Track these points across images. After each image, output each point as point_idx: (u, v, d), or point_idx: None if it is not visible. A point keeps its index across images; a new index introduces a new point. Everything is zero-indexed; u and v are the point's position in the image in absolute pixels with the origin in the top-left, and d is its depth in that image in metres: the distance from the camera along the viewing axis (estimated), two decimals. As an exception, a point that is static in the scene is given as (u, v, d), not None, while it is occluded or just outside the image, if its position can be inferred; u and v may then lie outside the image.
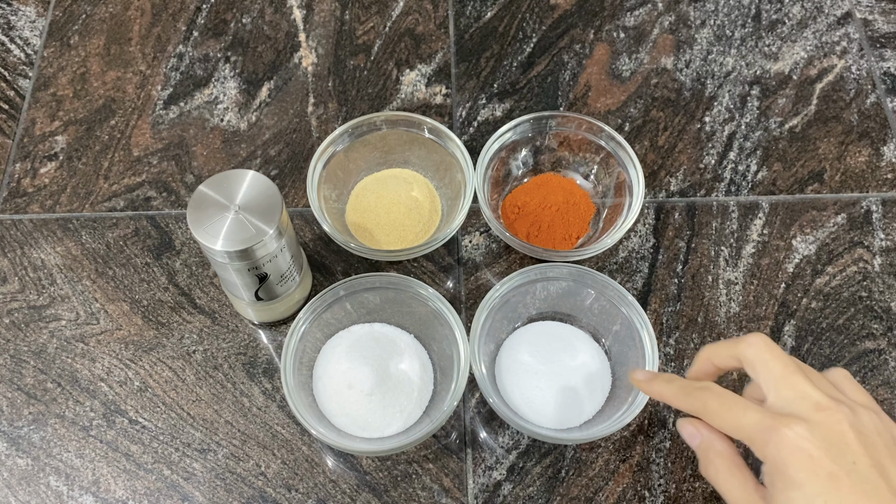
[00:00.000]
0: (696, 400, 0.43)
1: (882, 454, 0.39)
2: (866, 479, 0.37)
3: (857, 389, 0.43)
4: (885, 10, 0.81)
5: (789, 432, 0.38)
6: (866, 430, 0.39)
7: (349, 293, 0.62)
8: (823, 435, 0.38)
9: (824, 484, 0.37)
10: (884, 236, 0.70)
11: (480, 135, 0.75)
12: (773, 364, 0.42)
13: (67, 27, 0.81)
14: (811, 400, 0.39)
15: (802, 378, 0.41)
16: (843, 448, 0.38)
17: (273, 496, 0.60)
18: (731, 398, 0.42)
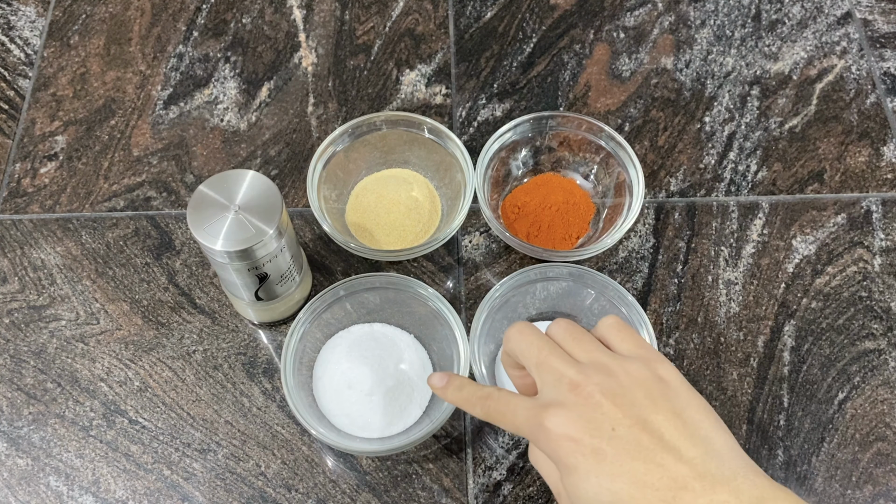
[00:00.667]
0: (482, 408, 0.44)
1: (642, 407, 0.39)
2: (628, 440, 0.38)
3: (625, 338, 0.43)
4: (885, 10, 0.81)
5: (550, 424, 0.39)
6: (623, 390, 0.39)
7: (349, 293, 0.62)
8: (580, 414, 0.39)
9: (592, 461, 0.38)
10: (884, 236, 0.70)
11: (480, 135, 0.75)
12: (529, 352, 0.43)
13: (67, 27, 0.81)
14: (565, 380, 0.40)
15: (556, 358, 0.41)
16: (601, 419, 0.38)
17: (273, 496, 0.60)
18: (506, 401, 0.43)
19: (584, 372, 0.40)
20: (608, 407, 0.39)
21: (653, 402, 0.39)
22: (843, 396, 0.63)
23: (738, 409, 0.63)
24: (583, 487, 0.38)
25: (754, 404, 0.63)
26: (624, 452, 0.38)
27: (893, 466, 0.61)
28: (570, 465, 0.39)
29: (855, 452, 0.61)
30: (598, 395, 0.39)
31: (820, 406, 0.63)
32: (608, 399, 0.39)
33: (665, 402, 0.39)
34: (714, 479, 0.37)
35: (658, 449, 0.38)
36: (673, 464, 0.37)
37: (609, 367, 0.41)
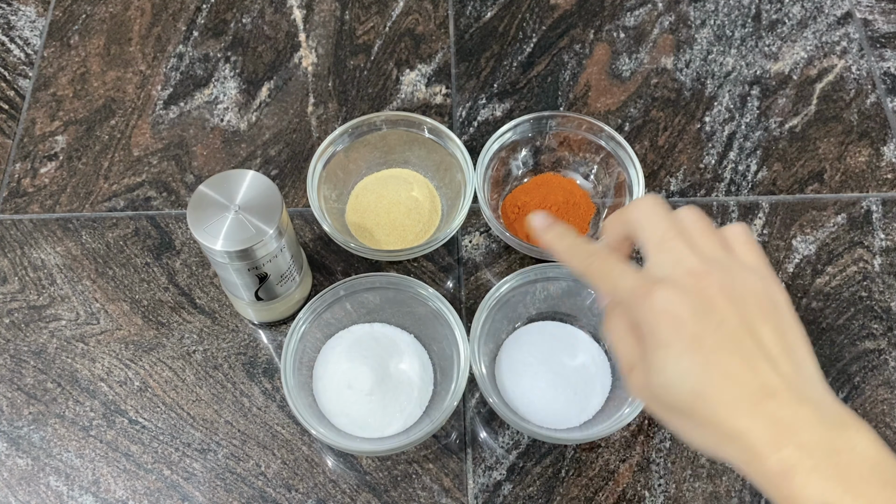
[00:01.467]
0: (582, 262, 0.44)
1: (752, 314, 0.39)
2: (732, 336, 0.38)
3: (749, 250, 0.43)
4: (885, 10, 0.81)
5: (658, 296, 0.39)
6: (739, 293, 0.39)
7: (349, 293, 0.62)
8: (692, 299, 0.39)
9: (689, 344, 0.38)
10: (884, 236, 0.70)
11: (480, 135, 0.75)
12: (655, 227, 0.42)
13: (67, 27, 0.81)
14: (685, 265, 0.40)
15: (681, 243, 0.41)
16: (710, 310, 0.39)
17: (273, 496, 0.60)
18: (612, 264, 0.42)
19: (706, 264, 0.40)
20: (721, 302, 0.39)
21: (762, 314, 0.39)
22: (843, 396, 0.63)
23: (738, 409, 0.62)
24: (671, 367, 0.39)
25: (754, 404, 0.63)
26: (724, 346, 0.38)
27: (893, 466, 0.61)
28: (664, 342, 0.39)
29: (855, 452, 0.61)
30: (714, 289, 0.39)
31: (820, 406, 0.63)
32: (723, 295, 0.39)
33: (772, 318, 0.40)
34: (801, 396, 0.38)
35: (757, 354, 0.38)
36: (767, 371, 0.38)
37: (730, 269, 0.41)
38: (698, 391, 0.38)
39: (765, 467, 0.37)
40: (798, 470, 0.36)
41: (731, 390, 0.38)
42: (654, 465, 0.61)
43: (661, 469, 0.61)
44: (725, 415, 0.38)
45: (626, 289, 0.41)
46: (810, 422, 0.37)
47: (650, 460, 0.61)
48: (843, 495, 0.35)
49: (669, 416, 0.41)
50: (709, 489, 0.60)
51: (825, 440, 0.36)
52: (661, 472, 0.61)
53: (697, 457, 0.61)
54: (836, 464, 0.36)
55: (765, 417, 0.37)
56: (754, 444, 0.37)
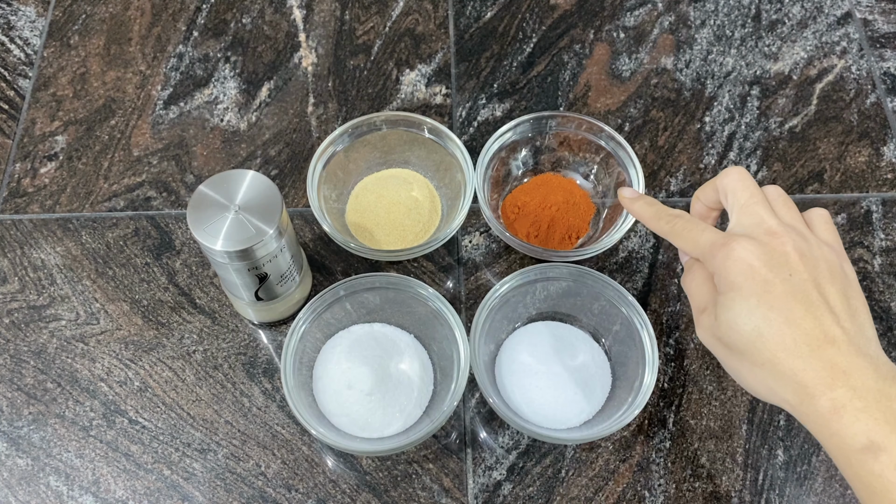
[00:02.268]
0: (667, 223, 0.48)
1: (822, 275, 0.42)
2: (799, 288, 0.41)
3: (829, 230, 0.46)
4: (885, 10, 0.81)
5: (736, 246, 0.42)
6: (811, 255, 0.43)
7: (349, 293, 0.62)
8: (767, 251, 0.42)
9: (759, 287, 0.41)
10: (884, 236, 0.70)
11: (480, 135, 0.75)
12: (741, 193, 0.46)
13: (67, 27, 0.81)
14: (765, 226, 0.43)
15: (764, 207, 0.45)
16: (782, 263, 0.42)
17: (273, 496, 0.60)
18: (696, 223, 0.46)
19: (784, 227, 0.43)
20: (794, 258, 0.42)
21: (831, 277, 0.42)
22: (843, 396, 0.63)
23: (738, 409, 0.63)
24: (738, 307, 0.42)
25: (754, 404, 0.63)
26: (791, 294, 0.41)
27: (893, 466, 0.61)
28: (735, 284, 0.42)
29: (855, 452, 0.61)
30: (789, 247, 0.42)
31: (820, 406, 0.63)
32: (796, 254, 0.42)
33: (840, 282, 0.43)
34: (859, 350, 0.40)
35: (822, 307, 0.41)
36: (829, 323, 0.40)
37: (806, 236, 0.44)
38: (760, 330, 0.41)
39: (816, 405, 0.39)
40: (848, 409, 0.38)
41: (792, 333, 0.40)
42: (654, 465, 0.61)
43: (661, 469, 0.61)
44: (784, 356, 0.40)
45: (706, 242, 0.44)
46: (865, 371, 0.39)
47: (650, 460, 0.61)
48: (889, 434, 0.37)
49: (730, 356, 0.43)
50: (709, 489, 0.60)
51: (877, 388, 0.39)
52: (661, 472, 0.61)
53: (697, 456, 0.61)
54: (885, 408, 0.38)
55: (822, 361, 0.39)
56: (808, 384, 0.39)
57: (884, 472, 0.37)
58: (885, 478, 0.37)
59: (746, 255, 0.42)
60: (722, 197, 0.47)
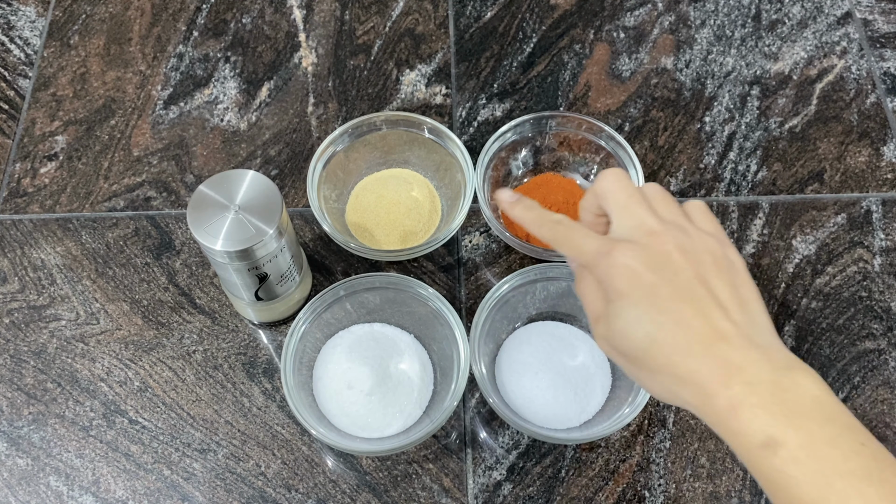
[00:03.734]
0: (549, 230, 0.46)
1: (707, 269, 0.41)
2: (685, 287, 0.41)
3: (708, 220, 0.45)
4: (885, 10, 0.81)
5: (617, 253, 0.42)
6: (695, 250, 0.42)
7: (349, 293, 0.62)
8: (649, 254, 0.41)
9: (645, 292, 0.41)
10: (884, 236, 0.70)
11: (480, 135, 0.75)
12: (619, 195, 0.45)
13: (67, 27, 0.81)
14: (645, 227, 0.43)
15: (643, 208, 0.44)
16: (666, 264, 0.41)
17: (273, 496, 0.60)
18: (578, 229, 0.45)
19: (664, 225, 0.43)
20: (677, 257, 0.41)
21: (717, 270, 0.42)
22: (843, 396, 0.63)
23: (738, 409, 0.62)
24: (627, 314, 0.41)
25: (754, 404, 0.63)
26: (678, 295, 0.40)
27: (893, 466, 0.61)
28: (622, 291, 0.41)
29: (855, 452, 0.61)
30: (670, 245, 0.42)
31: (820, 406, 0.63)
32: (679, 251, 0.41)
33: (727, 274, 0.42)
34: (751, 342, 0.40)
35: (710, 303, 0.40)
36: (719, 318, 0.40)
37: (687, 230, 0.43)
38: (653, 336, 0.40)
39: (715, 405, 0.39)
40: (745, 406, 0.38)
41: (684, 335, 0.40)
42: (654, 465, 0.61)
43: (661, 469, 0.61)
44: (678, 358, 0.40)
45: (590, 250, 0.43)
46: (758, 363, 0.39)
47: (650, 460, 0.61)
48: (785, 428, 0.37)
49: (627, 364, 0.43)
50: (709, 489, 0.60)
51: (771, 380, 0.38)
52: (661, 472, 0.61)
53: (697, 457, 0.61)
54: (780, 401, 0.38)
55: (715, 359, 0.39)
56: (705, 384, 0.39)
57: (784, 466, 0.37)
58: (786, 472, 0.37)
59: (629, 261, 0.41)
60: (602, 201, 0.46)
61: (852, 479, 0.36)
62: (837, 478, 0.36)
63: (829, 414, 0.38)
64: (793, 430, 0.37)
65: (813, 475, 0.37)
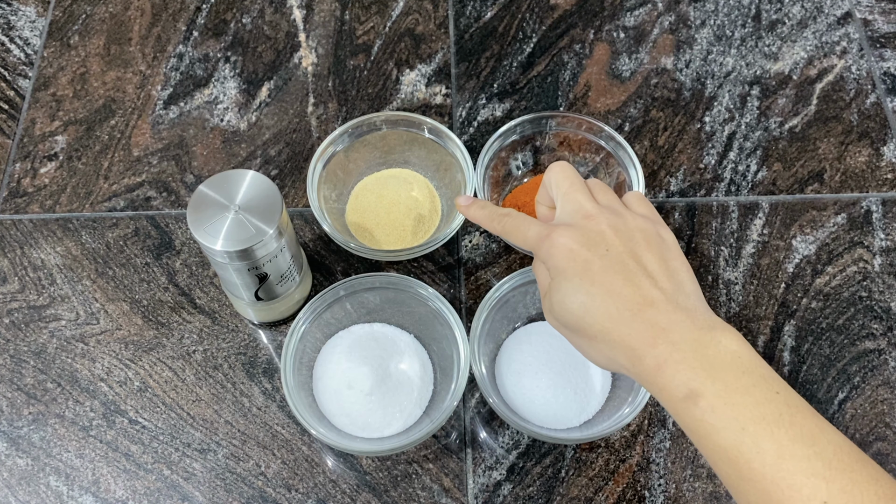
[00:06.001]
0: (498, 223, 0.52)
1: (637, 244, 0.45)
2: (617, 260, 0.45)
3: (644, 205, 0.49)
4: (885, 10, 0.81)
5: (556, 235, 0.46)
6: (627, 229, 0.46)
7: (349, 293, 0.62)
8: (584, 234, 0.46)
9: (580, 267, 0.45)
10: (884, 236, 0.70)
11: (480, 135, 0.75)
12: (562, 183, 0.49)
13: (67, 27, 0.81)
14: (583, 210, 0.47)
15: (582, 194, 0.48)
16: (599, 241, 0.45)
17: (273, 496, 0.60)
18: (524, 219, 0.50)
19: (599, 209, 0.47)
20: (609, 235, 0.45)
21: (647, 244, 0.46)
22: (843, 396, 0.63)
23: (738, 409, 0.62)
24: (564, 287, 0.45)
25: (754, 404, 0.63)
26: (609, 268, 0.44)
27: (893, 466, 0.61)
28: (560, 268, 0.46)
29: (855, 452, 0.61)
30: (604, 226, 0.46)
31: (820, 406, 0.63)
32: (611, 230, 0.46)
33: (657, 248, 0.46)
34: (677, 305, 0.43)
35: (639, 273, 0.44)
36: (648, 287, 0.44)
37: (621, 213, 0.47)
38: (586, 306, 0.44)
39: (644, 364, 0.42)
40: (669, 363, 0.41)
41: (614, 303, 0.43)
42: (654, 465, 0.61)
43: (661, 469, 0.61)
44: (610, 325, 0.43)
45: (533, 236, 0.48)
46: (682, 324, 0.42)
47: (650, 460, 0.61)
48: (705, 380, 0.40)
49: (571, 335, 0.47)
50: (709, 489, 0.60)
51: (694, 338, 0.42)
52: (661, 472, 0.61)
53: (697, 456, 0.61)
54: (701, 356, 0.41)
55: (644, 323, 0.43)
56: (635, 346, 0.43)
57: (703, 415, 0.40)
58: (706, 421, 0.40)
59: (566, 241, 0.45)
60: (549, 191, 0.51)
61: (764, 424, 0.39)
62: (751, 422, 0.39)
63: (746, 367, 0.41)
64: (710, 381, 0.40)
65: (728, 421, 0.40)
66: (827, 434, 0.39)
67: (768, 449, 0.39)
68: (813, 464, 0.38)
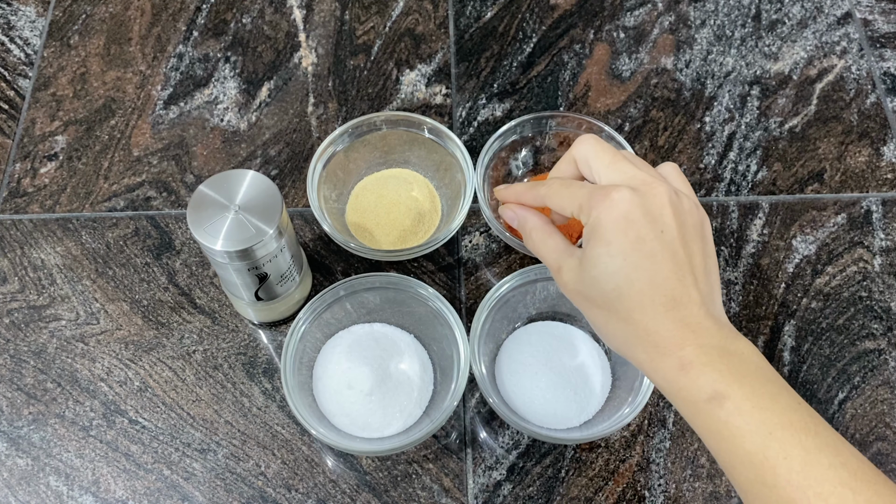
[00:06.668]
0: (542, 190, 0.48)
1: (689, 232, 0.44)
2: (669, 246, 0.42)
3: (683, 181, 0.47)
4: (885, 10, 0.81)
5: (616, 194, 0.43)
6: (682, 210, 0.44)
7: (349, 293, 0.62)
8: (644, 201, 0.43)
9: (632, 244, 0.42)
10: (884, 236, 0.70)
11: (480, 135, 0.75)
12: (603, 154, 0.46)
13: (67, 27, 0.81)
14: (638, 178, 0.44)
15: (629, 164, 0.45)
16: (658, 217, 0.43)
17: (273, 496, 0.60)
18: (570, 182, 0.47)
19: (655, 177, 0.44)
20: (668, 213, 0.43)
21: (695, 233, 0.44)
22: (843, 396, 0.63)
23: (738, 409, 0.62)
24: (605, 262, 0.43)
25: (754, 404, 0.63)
26: (660, 253, 0.42)
27: (893, 466, 0.61)
28: (609, 240, 0.42)
29: (855, 452, 0.61)
30: (664, 198, 0.43)
31: (820, 406, 0.63)
32: (671, 208, 0.43)
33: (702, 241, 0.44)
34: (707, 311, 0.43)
35: (685, 267, 0.43)
36: (689, 284, 0.42)
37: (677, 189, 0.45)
38: (622, 290, 0.42)
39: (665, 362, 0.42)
40: (695, 365, 0.41)
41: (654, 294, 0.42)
42: (654, 465, 0.61)
43: (661, 469, 0.61)
44: (641, 316, 0.42)
45: (583, 195, 0.44)
46: (710, 330, 0.42)
47: (650, 460, 0.61)
48: (732, 383, 0.40)
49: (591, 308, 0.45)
50: (709, 489, 0.60)
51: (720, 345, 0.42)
52: (661, 472, 0.61)
53: (697, 457, 0.61)
54: (727, 362, 0.41)
55: (675, 322, 0.42)
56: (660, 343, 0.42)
57: (729, 418, 0.40)
58: (731, 423, 0.40)
59: (625, 204, 0.42)
60: (582, 166, 0.47)
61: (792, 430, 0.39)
62: (779, 428, 0.39)
63: (769, 377, 0.41)
64: (738, 385, 0.40)
65: (756, 425, 0.39)
66: (847, 447, 0.39)
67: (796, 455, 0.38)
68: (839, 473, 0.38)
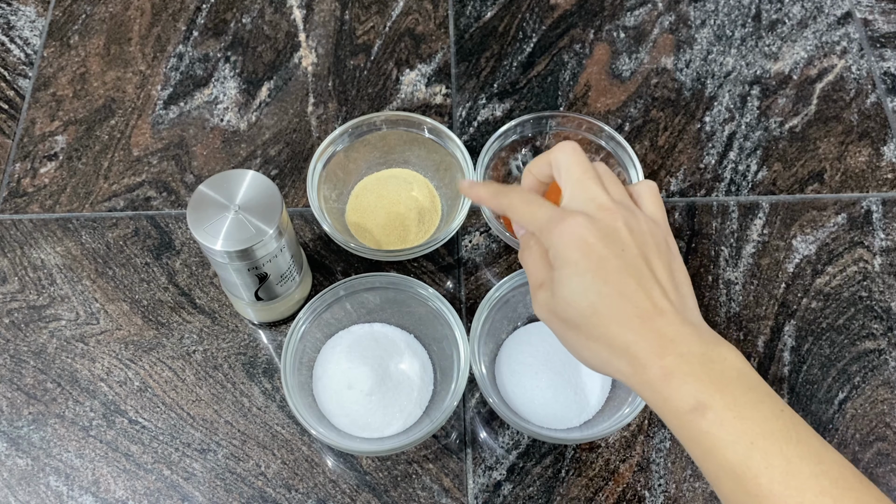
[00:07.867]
0: (505, 197, 0.49)
1: (650, 249, 0.44)
2: (631, 263, 0.43)
3: (655, 203, 0.48)
4: (885, 10, 0.81)
5: (571, 222, 0.44)
6: (639, 230, 0.45)
7: (349, 293, 0.62)
8: (600, 227, 0.44)
9: (594, 263, 0.43)
10: (884, 236, 0.70)
11: (480, 135, 0.75)
12: (574, 168, 0.47)
13: (67, 27, 0.81)
14: (597, 201, 0.45)
15: (596, 183, 0.46)
16: (615, 238, 0.44)
17: (273, 496, 0.60)
18: (534, 197, 0.47)
19: (615, 203, 0.45)
20: (625, 234, 0.44)
21: (657, 251, 0.45)
22: (844, 396, 0.63)
23: (738, 409, 0.62)
24: (575, 282, 0.43)
25: (754, 404, 0.63)
26: (624, 269, 0.43)
27: (893, 466, 0.61)
28: (572, 261, 0.43)
29: (855, 452, 0.61)
30: (620, 222, 0.44)
31: (820, 406, 0.63)
32: (627, 229, 0.44)
33: (665, 257, 0.45)
34: (684, 319, 0.43)
35: (651, 280, 0.43)
36: (658, 296, 0.43)
37: (634, 212, 0.46)
38: (595, 306, 0.43)
39: (648, 374, 0.42)
40: (677, 374, 0.41)
41: (625, 307, 0.42)
42: (654, 465, 0.61)
43: (661, 469, 0.61)
44: (616, 329, 0.42)
45: (544, 217, 0.45)
46: (690, 338, 0.42)
47: (650, 460, 0.61)
48: (713, 393, 0.40)
49: (566, 330, 0.45)
50: (709, 489, 0.60)
51: (701, 352, 0.41)
52: (661, 472, 0.61)
53: (697, 457, 0.61)
54: (708, 370, 0.41)
55: (652, 332, 0.42)
56: (640, 355, 0.42)
57: (710, 428, 0.40)
58: (713, 434, 0.40)
59: (582, 231, 0.43)
60: (555, 171, 0.48)
61: (773, 440, 0.39)
62: (760, 437, 0.39)
63: (751, 384, 0.41)
64: (719, 395, 0.40)
65: (738, 435, 0.39)
66: (831, 454, 0.39)
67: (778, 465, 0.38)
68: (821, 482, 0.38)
